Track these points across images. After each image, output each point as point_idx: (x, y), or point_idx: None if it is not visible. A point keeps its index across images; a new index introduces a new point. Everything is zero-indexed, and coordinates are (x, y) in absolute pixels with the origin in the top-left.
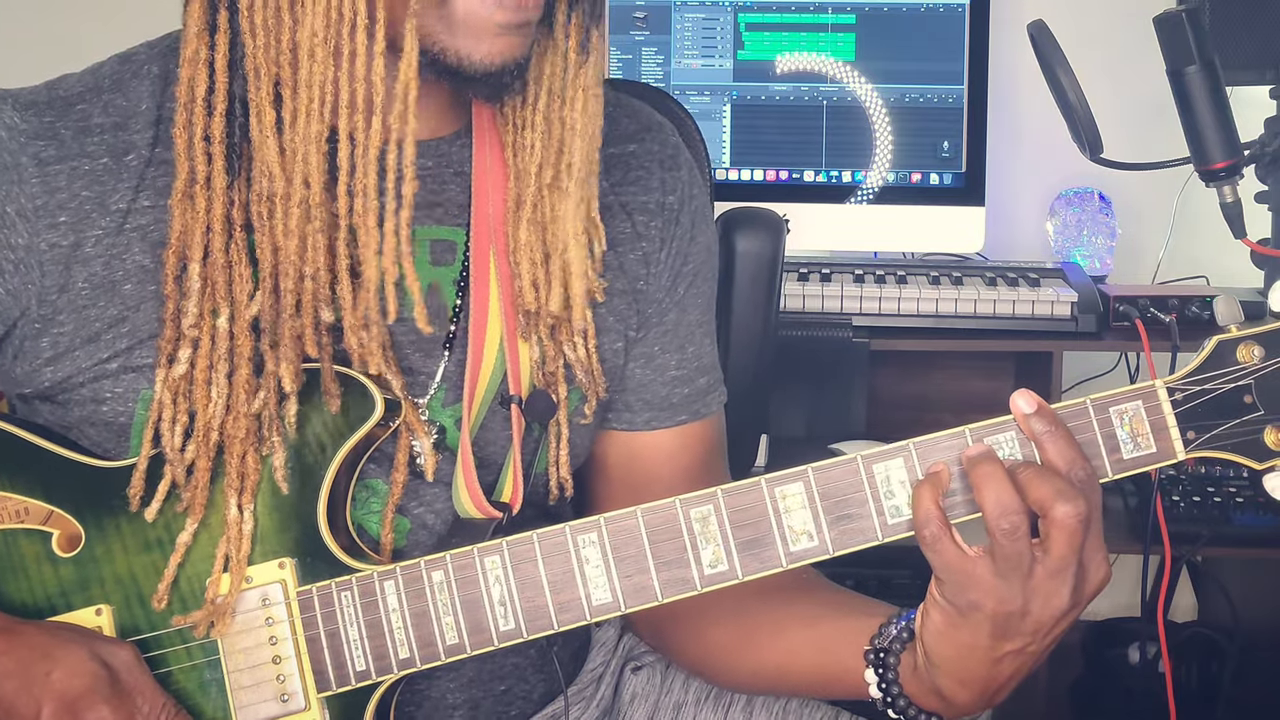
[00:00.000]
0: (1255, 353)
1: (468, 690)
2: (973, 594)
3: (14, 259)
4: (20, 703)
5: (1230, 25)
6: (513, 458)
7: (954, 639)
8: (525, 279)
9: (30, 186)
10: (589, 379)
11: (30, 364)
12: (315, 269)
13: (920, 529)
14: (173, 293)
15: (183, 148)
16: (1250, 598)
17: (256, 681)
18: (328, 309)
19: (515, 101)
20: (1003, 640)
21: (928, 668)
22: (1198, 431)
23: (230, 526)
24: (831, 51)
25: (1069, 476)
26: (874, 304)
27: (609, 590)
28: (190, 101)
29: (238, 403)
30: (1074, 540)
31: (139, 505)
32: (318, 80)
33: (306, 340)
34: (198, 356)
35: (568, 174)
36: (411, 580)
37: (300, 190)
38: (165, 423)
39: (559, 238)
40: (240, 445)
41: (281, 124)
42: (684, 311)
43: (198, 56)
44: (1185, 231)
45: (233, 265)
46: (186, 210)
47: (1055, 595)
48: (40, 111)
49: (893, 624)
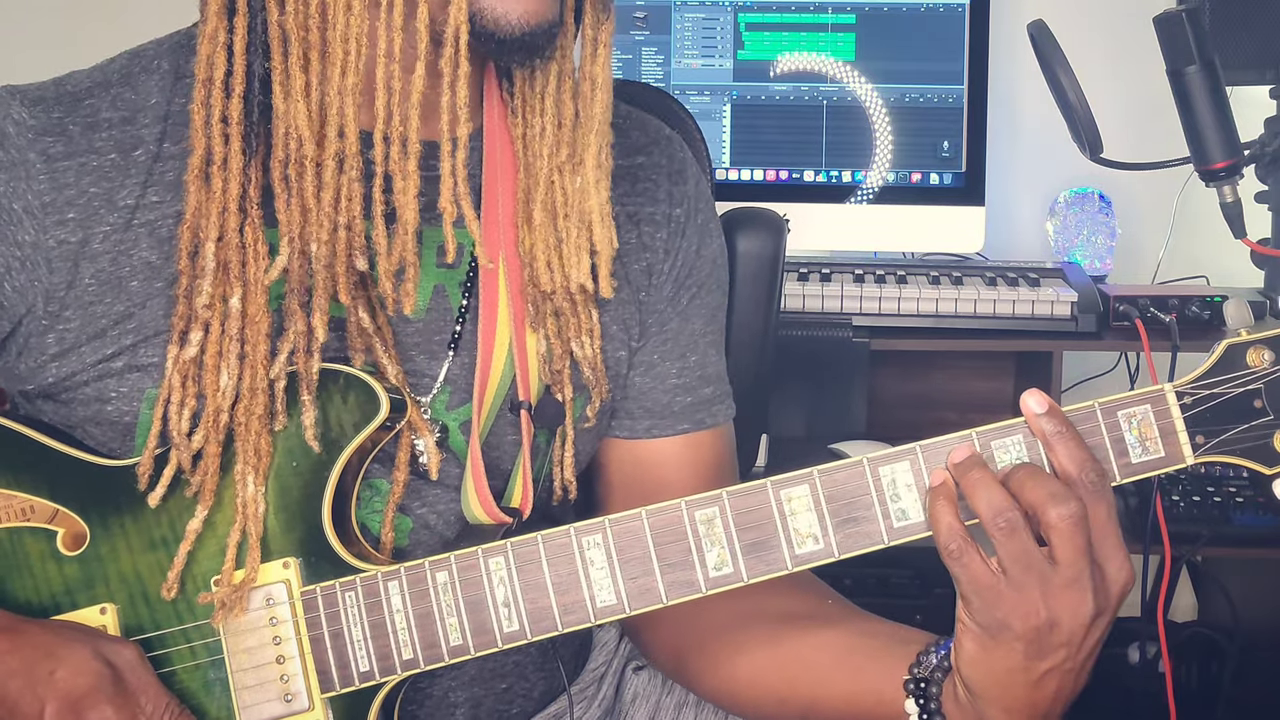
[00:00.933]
0: (1265, 357)
1: (469, 689)
2: (999, 611)
3: (20, 256)
4: (24, 702)
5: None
6: (522, 463)
7: (990, 665)
8: (540, 260)
9: (38, 183)
10: (594, 377)
11: (35, 360)
12: (350, 217)
13: (945, 545)
14: (186, 269)
15: (199, 124)
16: (1250, 598)
17: (260, 681)
18: (362, 257)
19: (525, 92)
20: (1038, 660)
21: (970, 699)
22: (1206, 436)
23: (248, 505)
24: (831, 51)
25: (1080, 479)
26: (874, 304)
27: (614, 592)
28: (208, 80)
29: (254, 381)
30: (1075, 542)
31: (147, 486)
32: (354, 33)
33: (340, 288)
34: (208, 341)
35: (585, 149)
36: (416, 581)
37: (335, 143)
38: (174, 405)
39: (581, 212)
40: (256, 423)
41: (309, 87)
42: (686, 321)
43: (216, 36)
44: (1185, 231)
45: (248, 246)
46: (201, 189)
47: (1080, 603)
48: (49, 107)
49: (932, 653)
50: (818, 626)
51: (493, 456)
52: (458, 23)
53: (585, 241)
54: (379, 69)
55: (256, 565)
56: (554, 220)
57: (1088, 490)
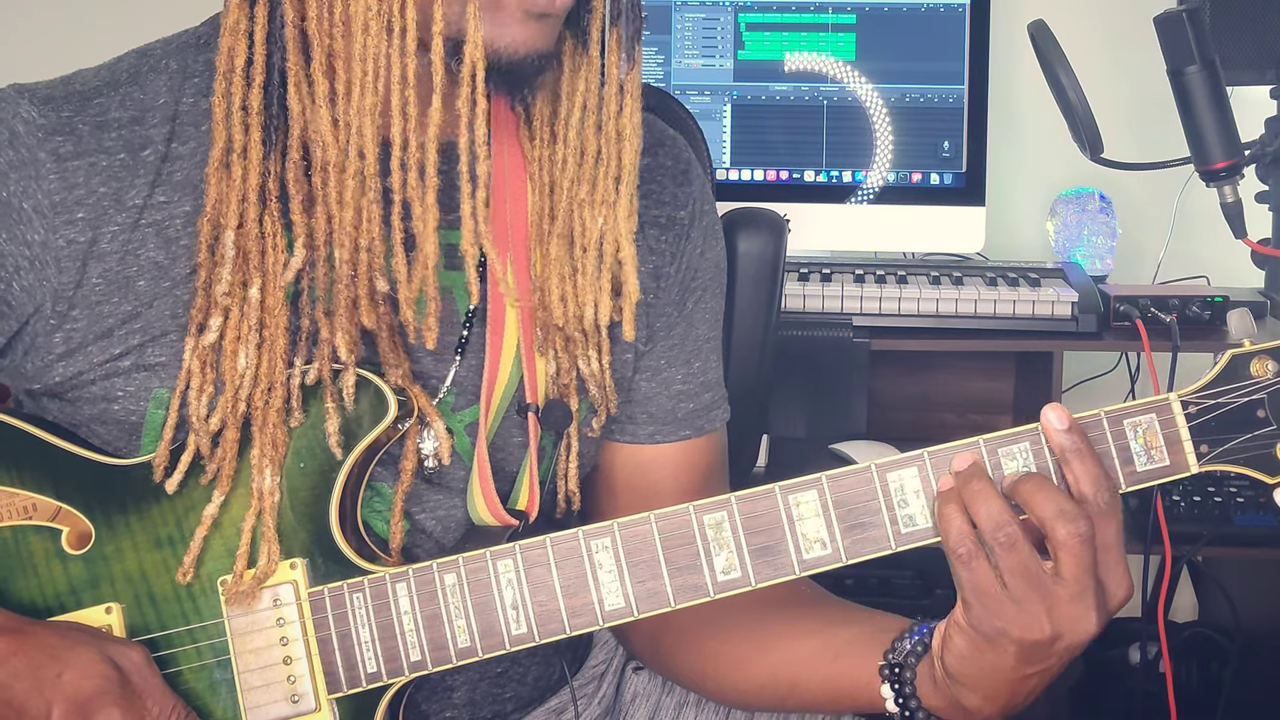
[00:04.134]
0: (1269, 367)
1: (465, 672)
2: (999, 621)
3: (29, 255)
4: (31, 704)
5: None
6: (529, 466)
7: (978, 663)
8: (554, 292)
9: (48, 183)
10: (601, 394)
11: (42, 359)
12: (370, 240)
13: (955, 548)
14: (205, 261)
15: (220, 116)
16: (1251, 598)
17: (267, 682)
18: (383, 279)
19: (544, 114)
20: (1028, 665)
21: (949, 684)
22: (1211, 445)
23: (265, 497)
24: (832, 51)
25: (1094, 499)
26: (874, 304)
27: (622, 595)
28: (229, 71)
29: (272, 373)
30: (1082, 561)
31: (162, 476)
32: (371, 54)
33: (362, 309)
34: (227, 327)
35: (614, 184)
36: (424, 583)
37: (355, 162)
38: (193, 391)
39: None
40: (274, 416)
41: (335, 95)
42: (691, 326)
43: (238, 27)
44: (1186, 231)
45: (267, 237)
46: (223, 179)
47: (1083, 618)
48: (58, 106)
49: (906, 639)
50: (798, 612)
51: (498, 459)
52: (474, 60)
53: (605, 282)
54: (394, 96)
55: (276, 556)
56: (570, 250)
57: (1099, 510)
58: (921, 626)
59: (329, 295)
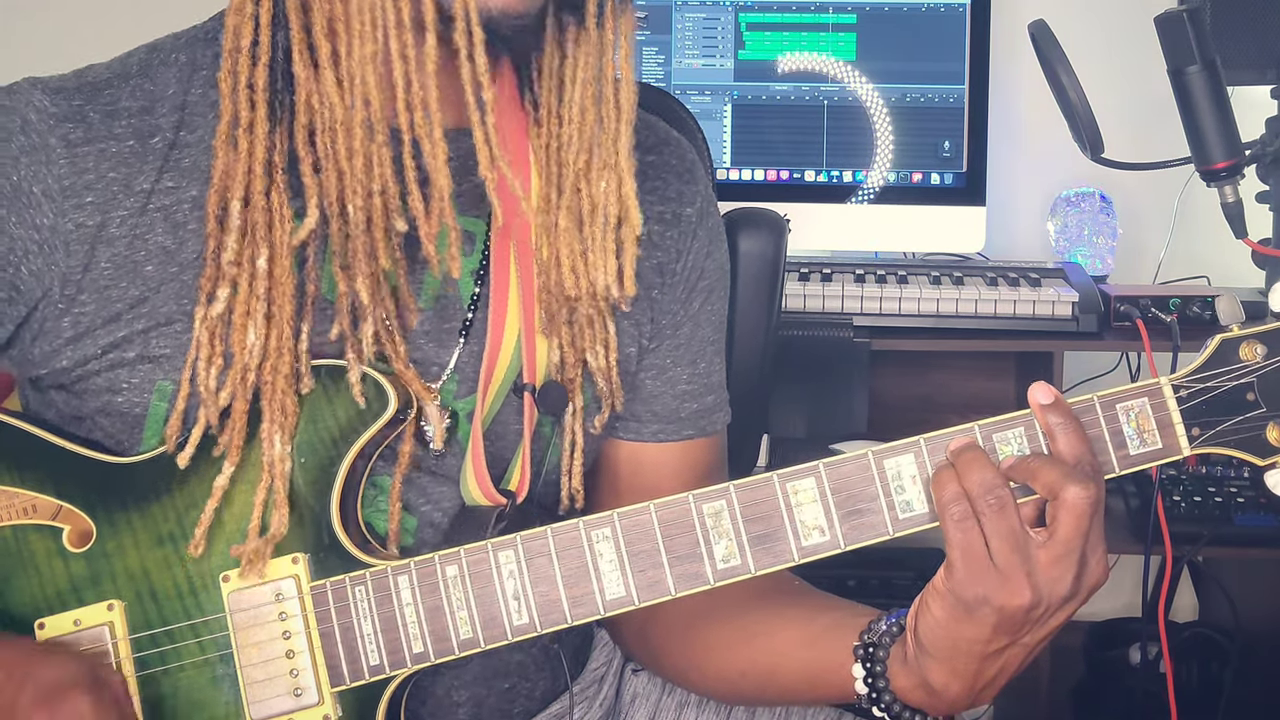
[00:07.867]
0: (1258, 351)
1: (471, 688)
2: (981, 587)
3: (39, 239)
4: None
5: (1231, 25)
6: (522, 447)
7: (953, 631)
8: (565, 266)
9: (58, 168)
10: (608, 387)
11: (50, 344)
12: (383, 184)
13: (949, 505)
14: (214, 231)
15: (227, 91)
16: (1251, 598)
17: (269, 676)
18: (400, 219)
19: (551, 104)
20: (1003, 635)
21: (919, 657)
22: (1202, 428)
23: (276, 465)
24: (832, 51)
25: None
26: (875, 304)
27: (623, 585)
28: (235, 50)
29: (280, 341)
30: (1081, 524)
31: (175, 449)
32: (368, 5)
33: (380, 253)
34: (236, 300)
35: (613, 145)
36: (425, 575)
37: (361, 110)
38: (201, 363)
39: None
40: (282, 382)
41: (337, 55)
42: (697, 326)
43: (244, 8)
44: (1186, 231)
45: (273, 210)
46: (229, 152)
47: (1061, 581)
48: (69, 95)
49: (883, 620)
50: (783, 602)
51: (497, 444)
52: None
53: (611, 243)
54: (393, 41)
55: (285, 521)
56: (580, 227)
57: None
58: (899, 611)
59: (345, 251)
